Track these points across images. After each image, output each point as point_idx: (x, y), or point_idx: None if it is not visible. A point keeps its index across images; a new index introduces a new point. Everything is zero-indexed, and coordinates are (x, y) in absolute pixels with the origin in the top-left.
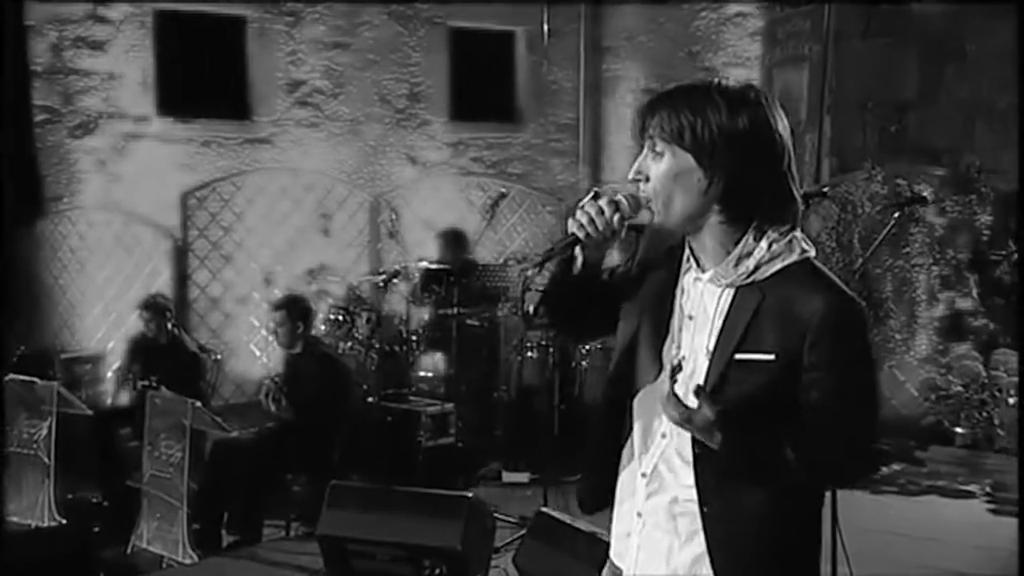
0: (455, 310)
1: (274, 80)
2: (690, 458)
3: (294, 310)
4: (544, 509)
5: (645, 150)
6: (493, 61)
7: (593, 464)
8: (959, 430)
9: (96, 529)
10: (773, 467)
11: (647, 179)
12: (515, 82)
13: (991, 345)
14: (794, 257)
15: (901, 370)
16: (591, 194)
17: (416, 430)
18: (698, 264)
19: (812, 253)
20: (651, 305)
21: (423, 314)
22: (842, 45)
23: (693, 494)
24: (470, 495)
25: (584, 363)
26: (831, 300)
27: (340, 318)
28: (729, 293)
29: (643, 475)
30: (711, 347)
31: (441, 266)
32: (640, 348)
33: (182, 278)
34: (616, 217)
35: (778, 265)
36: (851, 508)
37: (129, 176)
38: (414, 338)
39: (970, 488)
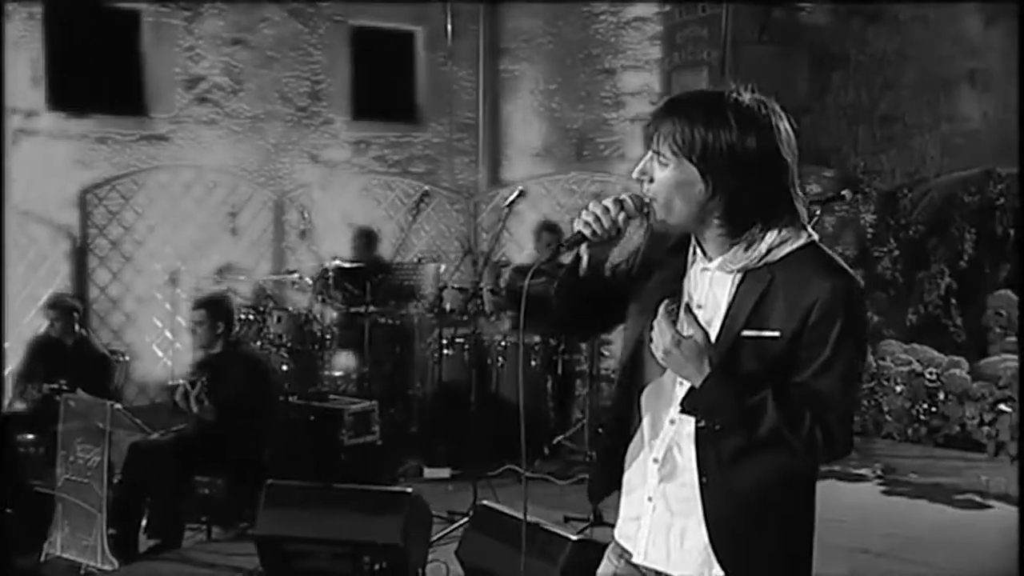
0: (368, 308)
1: (171, 76)
2: (691, 446)
3: (215, 309)
4: (485, 502)
5: (650, 153)
6: (394, 60)
7: (603, 455)
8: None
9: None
10: (757, 415)
11: (651, 180)
12: (416, 82)
13: (876, 337)
14: (801, 241)
15: None
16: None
17: (339, 428)
18: (704, 254)
19: (816, 237)
20: (659, 300)
21: (335, 313)
22: (738, 51)
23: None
24: (410, 490)
25: (501, 360)
26: (836, 282)
27: (250, 317)
28: (738, 277)
29: (655, 460)
30: (719, 327)
31: (354, 265)
32: (647, 343)
33: (81, 278)
34: (621, 216)
35: (787, 248)
36: None
37: (21, 173)
38: (328, 337)
39: (862, 472)
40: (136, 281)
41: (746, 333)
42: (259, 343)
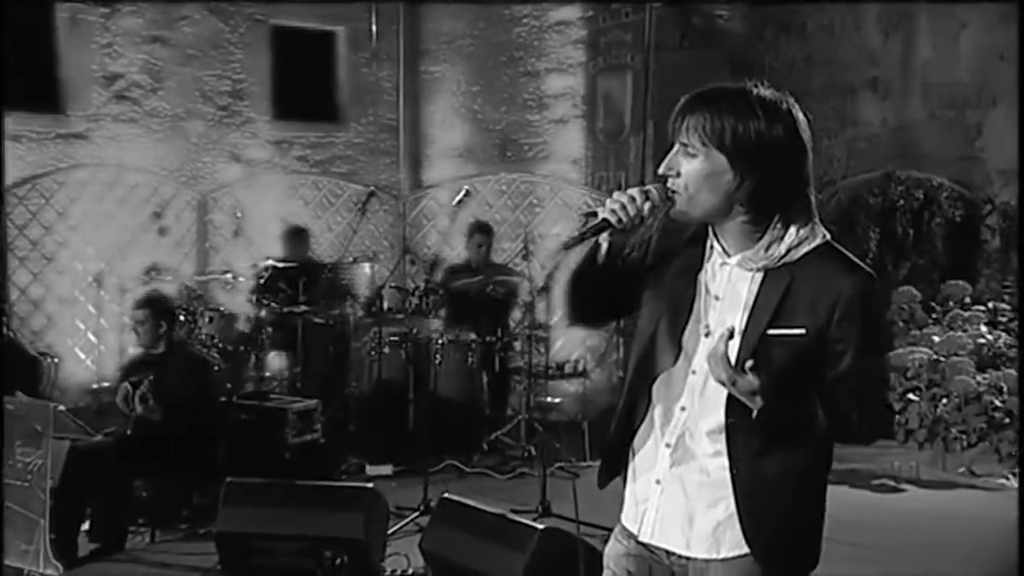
0: (301, 308)
1: (88, 73)
2: (708, 429)
3: (157, 309)
4: (447, 495)
5: (677, 147)
6: (315, 60)
7: (613, 441)
8: None
9: None
10: (805, 426)
11: (678, 174)
12: (337, 82)
13: None
14: (818, 240)
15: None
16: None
17: (283, 427)
18: (723, 249)
19: (829, 236)
20: (674, 291)
21: (268, 313)
22: (661, 55)
23: (718, 462)
24: (371, 486)
25: (439, 357)
26: (857, 279)
27: (181, 318)
28: (759, 276)
29: (667, 445)
30: (742, 326)
31: (289, 264)
32: (659, 334)
33: (0, 280)
34: (647, 206)
35: (805, 248)
36: None
37: None
38: (262, 337)
39: None
40: (58, 282)
41: (772, 332)
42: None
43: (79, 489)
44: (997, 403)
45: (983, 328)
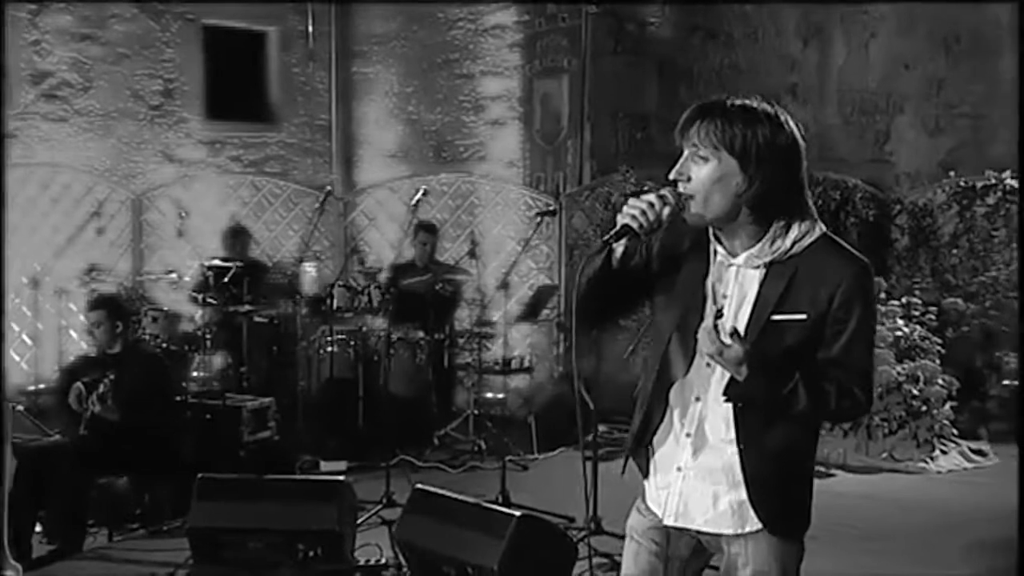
0: (245, 307)
1: (17, 71)
2: (723, 416)
3: (112, 309)
4: (420, 485)
5: (687, 153)
6: (247, 60)
7: (634, 442)
8: None
9: None
10: (793, 403)
11: (688, 179)
12: (268, 82)
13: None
14: (817, 234)
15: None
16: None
17: (238, 425)
18: (727, 250)
19: (827, 229)
20: (684, 298)
21: (212, 312)
22: (597, 60)
23: (734, 447)
24: (343, 479)
25: (388, 354)
26: (855, 268)
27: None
28: (763, 270)
29: (687, 435)
30: (747, 314)
31: (232, 263)
32: (673, 340)
33: None
34: (666, 210)
35: (807, 241)
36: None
37: None
38: (207, 336)
39: None
40: None
41: (775, 318)
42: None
43: (32, 490)
44: (915, 392)
45: (899, 322)
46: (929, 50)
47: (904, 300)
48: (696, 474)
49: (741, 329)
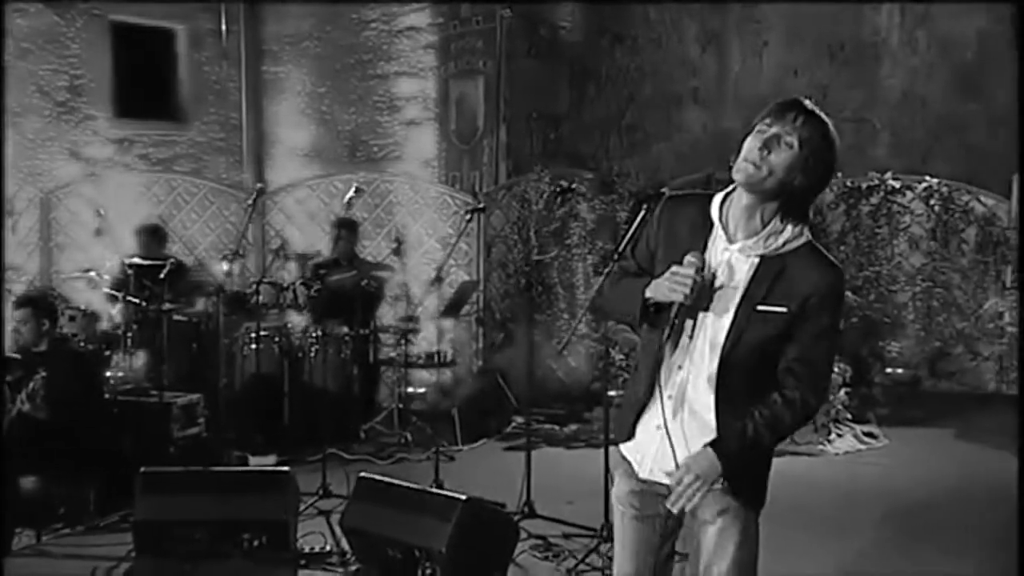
0: (165, 306)
1: None
2: (703, 383)
3: (39, 307)
4: (364, 474)
5: (771, 134)
6: (155, 58)
7: (626, 415)
8: (614, 393)
9: None
10: (768, 388)
11: (769, 152)
12: (178, 80)
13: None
14: (803, 239)
15: (567, 346)
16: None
17: (167, 421)
18: (727, 236)
19: (810, 237)
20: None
21: (132, 310)
22: (511, 63)
23: (708, 413)
24: (286, 469)
25: (314, 350)
26: (832, 275)
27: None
28: (755, 261)
29: (669, 397)
30: (738, 301)
31: (151, 262)
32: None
33: None
34: (699, 276)
35: (795, 244)
36: (576, 459)
37: None
38: (128, 335)
39: None
40: None
41: (760, 308)
42: None
43: None
44: None
45: None
46: (815, 58)
47: None
48: (674, 433)
49: (730, 315)
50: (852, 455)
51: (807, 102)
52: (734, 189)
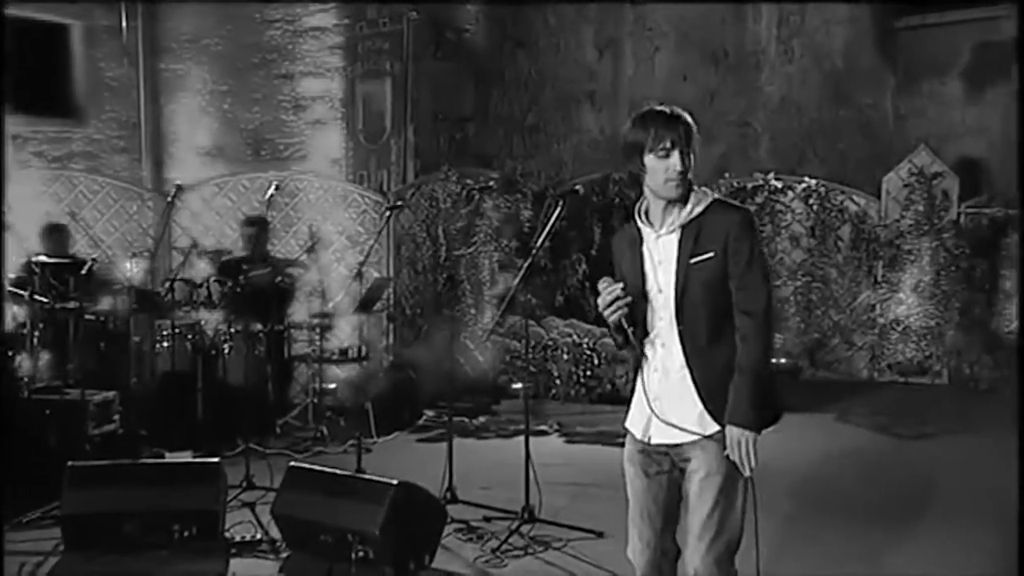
0: (72, 304)
1: None
2: (676, 352)
3: None
4: (293, 463)
5: (678, 152)
6: (49, 54)
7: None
8: (518, 386)
9: None
10: (726, 317)
11: (686, 170)
12: (72, 77)
13: (533, 315)
14: (709, 199)
15: (471, 340)
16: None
17: (84, 419)
18: (652, 225)
19: (717, 195)
20: (634, 272)
21: (37, 309)
22: (418, 64)
23: (687, 373)
24: (216, 460)
25: (228, 346)
26: (739, 215)
27: None
28: (679, 232)
29: (655, 371)
30: (675, 266)
31: (57, 260)
32: (640, 304)
33: None
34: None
35: (702, 206)
36: (488, 449)
37: None
38: (35, 334)
39: (543, 427)
40: None
41: (693, 260)
42: None
43: None
44: None
45: None
46: (703, 64)
47: None
48: (667, 400)
49: (672, 276)
50: None
51: (664, 107)
52: (644, 198)
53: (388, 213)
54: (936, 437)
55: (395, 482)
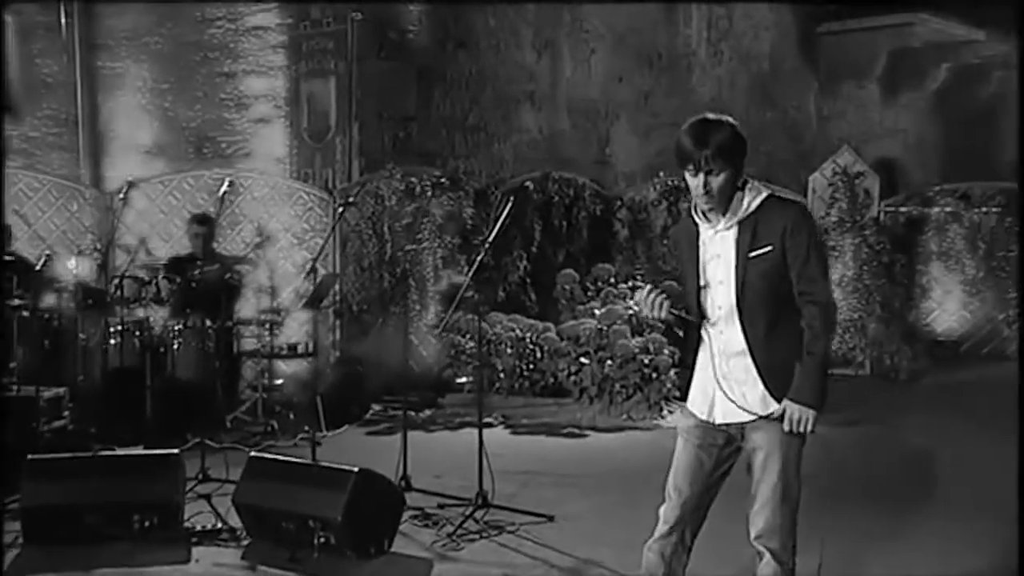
0: (15, 302)
1: None
2: (736, 336)
3: None
4: (254, 453)
5: (702, 174)
6: None
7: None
8: (463, 380)
9: None
10: (789, 306)
11: (709, 190)
12: (5, 73)
13: (477, 311)
14: (765, 194)
15: (416, 335)
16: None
17: (34, 415)
18: (709, 223)
19: (772, 190)
20: (692, 265)
21: None
22: (362, 64)
23: (748, 356)
24: (176, 451)
25: (177, 343)
26: (795, 209)
27: None
28: (736, 228)
29: (714, 354)
30: (734, 259)
31: (3, 258)
32: (699, 294)
33: None
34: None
35: (758, 201)
36: (436, 441)
37: None
38: None
39: (488, 420)
40: None
41: (752, 254)
42: None
43: None
44: (646, 361)
45: (630, 301)
46: (637, 66)
47: (631, 283)
48: (725, 382)
49: (731, 269)
50: None
51: (699, 124)
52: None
53: (341, 210)
54: (860, 424)
55: (356, 469)
